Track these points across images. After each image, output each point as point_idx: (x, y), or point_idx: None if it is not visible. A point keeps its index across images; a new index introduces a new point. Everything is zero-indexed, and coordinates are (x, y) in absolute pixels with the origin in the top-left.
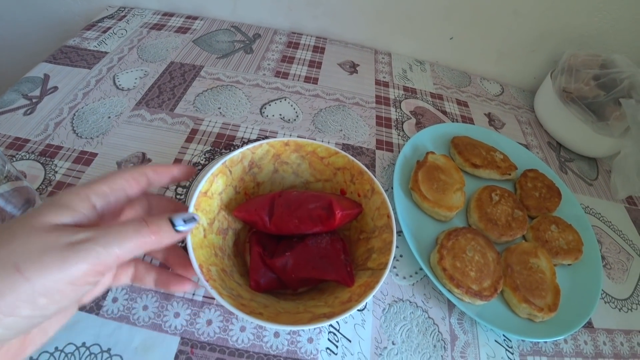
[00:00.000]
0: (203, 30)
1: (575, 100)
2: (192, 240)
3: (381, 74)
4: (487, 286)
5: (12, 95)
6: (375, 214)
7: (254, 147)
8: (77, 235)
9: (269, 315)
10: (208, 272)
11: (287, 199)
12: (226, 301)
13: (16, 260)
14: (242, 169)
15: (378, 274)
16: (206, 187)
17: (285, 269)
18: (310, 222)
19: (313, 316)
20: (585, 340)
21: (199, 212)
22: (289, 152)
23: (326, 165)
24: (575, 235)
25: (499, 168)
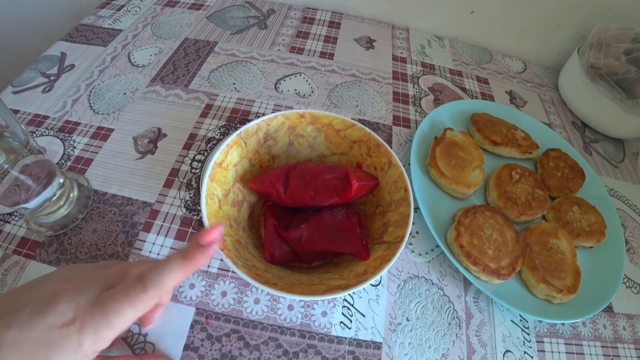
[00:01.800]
0: (217, 6)
1: (604, 77)
2: (207, 210)
3: (398, 50)
4: (505, 265)
5: (31, 74)
6: (392, 187)
7: (269, 119)
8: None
9: (284, 285)
10: (223, 242)
11: (303, 170)
12: (241, 270)
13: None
14: (257, 141)
15: (394, 247)
16: (221, 157)
17: (300, 241)
18: (326, 193)
19: (328, 288)
20: (605, 325)
21: (213, 183)
22: (305, 125)
23: (342, 138)
24: (598, 217)
25: (519, 146)
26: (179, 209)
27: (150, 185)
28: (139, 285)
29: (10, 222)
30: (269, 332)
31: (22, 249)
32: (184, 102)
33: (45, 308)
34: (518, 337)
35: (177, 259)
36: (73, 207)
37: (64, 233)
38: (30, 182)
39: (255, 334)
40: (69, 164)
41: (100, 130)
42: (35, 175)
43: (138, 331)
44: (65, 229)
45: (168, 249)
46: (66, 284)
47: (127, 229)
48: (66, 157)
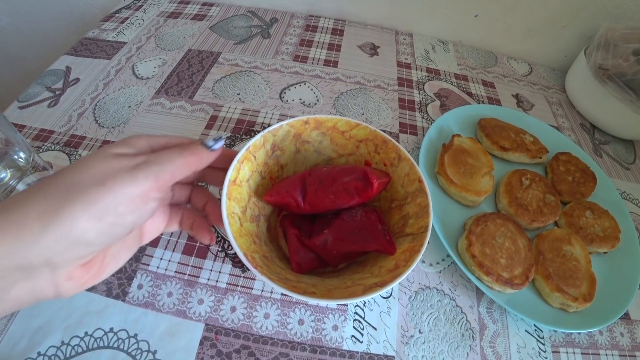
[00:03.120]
0: (219, 16)
1: (613, 78)
2: (231, 229)
3: (403, 56)
4: (518, 274)
5: (37, 89)
6: (404, 180)
7: (275, 129)
8: (137, 158)
9: (322, 293)
10: (253, 260)
11: (319, 176)
12: (278, 285)
13: (100, 178)
14: (265, 153)
15: (420, 237)
16: (234, 175)
17: (326, 246)
18: (347, 196)
19: (365, 287)
20: (622, 332)
21: (231, 201)
22: (310, 130)
23: (348, 139)
24: (612, 222)
25: (529, 151)
26: None
27: None
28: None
29: None
30: (279, 347)
31: None
32: (188, 114)
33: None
34: (533, 348)
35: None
36: None
37: None
38: None
39: (265, 349)
40: None
41: (106, 144)
42: None
43: (147, 348)
44: None
45: (176, 264)
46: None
47: None
48: None
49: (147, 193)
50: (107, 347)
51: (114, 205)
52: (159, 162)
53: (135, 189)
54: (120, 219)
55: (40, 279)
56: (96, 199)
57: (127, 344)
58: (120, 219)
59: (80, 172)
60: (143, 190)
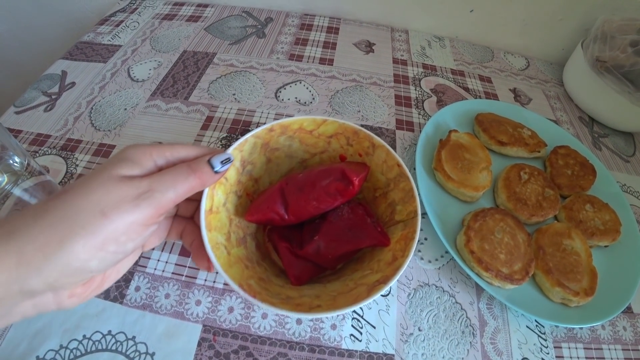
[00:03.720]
0: (214, 17)
1: (610, 70)
2: (220, 262)
3: (399, 52)
4: (518, 269)
5: (33, 93)
6: (383, 167)
7: (240, 144)
8: (142, 185)
9: (327, 304)
10: (250, 288)
11: (297, 184)
12: (282, 309)
13: (103, 208)
14: (236, 171)
15: (411, 223)
16: (209, 203)
17: (319, 252)
18: (330, 198)
19: (369, 287)
20: (625, 326)
21: (212, 232)
22: (277, 137)
23: (317, 137)
24: (612, 215)
25: (527, 145)
26: None
27: None
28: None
29: None
30: (277, 347)
31: None
32: (184, 115)
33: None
34: (535, 344)
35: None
36: None
37: None
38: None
39: (264, 349)
40: (71, 182)
41: (102, 147)
42: (37, 197)
43: (145, 350)
44: None
45: (173, 265)
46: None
47: None
48: (69, 175)
49: (148, 221)
50: (106, 350)
51: (116, 235)
52: (163, 189)
53: (137, 218)
54: (122, 246)
55: (44, 298)
56: (98, 230)
57: (125, 347)
58: (122, 246)
59: (82, 199)
60: (145, 220)
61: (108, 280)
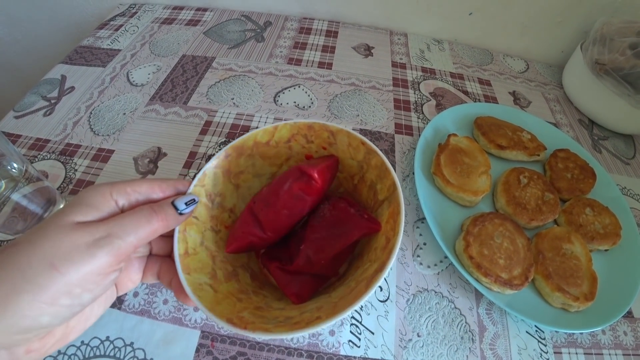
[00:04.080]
0: (213, 21)
1: (610, 72)
2: (206, 304)
3: (398, 56)
4: (518, 274)
5: (32, 98)
6: (350, 151)
7: (200, 180)
8: (98, 231)
9: (327, 313)
10: (241, 320)
11: (263, 200)
12: (277, 333)
13: (52, 259)
14: (205, 207)
15: (394, 197)
16: (182, 247)
17: (311, 261)
18: (298, 202)
19: (367, 281)
20: (625, 331)
21: (192, 275)
22: (235, 160)
23: (276, 146)
24: (613, 219)
25: (526, 149)
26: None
27: None
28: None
29: None
30: (275, 353)
31: None
32: (183, 120)
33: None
34: (535, 349)
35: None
36: None
37: None
38: (30, 209)
39: (262, 356)
40: (70, 187)
41: (101, 152)
42: (35, 203)
43: (143, 357)
44: None
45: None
46: None
47: None
48: (68, 180)
49: (106, 269)
50: (104, 356)
51: (68, 288)
52: (123, 234)
53: (92, 267)
54: (77, 299)
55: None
56: (46, 285)
57: (123, 353)
58: (77, 299)
59: (31, 251)
60: (101, 269)
61: (74, 331)
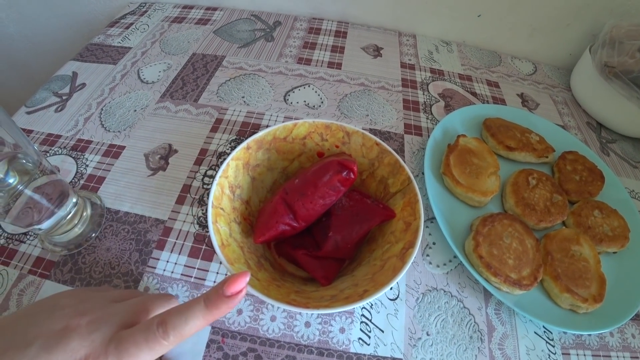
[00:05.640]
0: (223, 20)
1: (619, 75)
2: (259, 291)
3: (406, 57)
4: (527, 275)
5: (44, 94)
6: (363, 150)
7: (224, 171)
8: None
9: (371, 286)
10: (298, 302)
11: (298, 190)
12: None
13: None
14: (228, 198)
15: (409, 189)
16: (218, 238)
17: (338, 246)
18: (333, 192)
19: (398, 257)
20: (633, 334)
21: (234, 265)
22: (254, 153)
23: (292, 142)
24: (621, 221)
25: (535, 150)
26: (191, 226)
27: (162, 202)
28: (161, 330)
29: (25, 242)
30: (286, 350)
31: (37, 268)
32: (193, 117)
33: (55, 344)
34: (543, 350)
35: (200, 306)
36: (86, 226)
37: (78, 252)
38: (43, 202)
39: (272, 352)
40: (81, 182)
41: (112, 148)
42: (48, 196)
43: None
44: (79, 247)
45: (182, 267)
46: (80, 319)
47: (141, 247)
48: (79, 175)
49: None
50: None
51: None
52: None
53: None
54: None
55: None
56: None
57: None
58: None
59: None
60: None
61: None
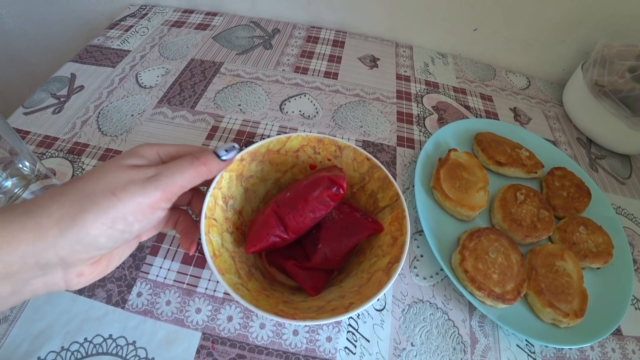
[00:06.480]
0: (222, 26)
1: (609, 94)
2: (248, 301)
3: (402, 68)
4: (510, 289)
5: (42, 95)
6: (354, 164)
7: (218, 183)
8: (150, 171)
9: (357, 299)
10: (285, 313)
11: (289, 204)
12: (324, 319)
13: (113, 189)
14: (221, 209)
15: (397, 205)
16: (210, 249)
17: (327, 258)
18: (323, 206)
19: (384, 271)
20: (613, 348)
21: (225, 275)
22: (248, 165)
23: (285, 155)
24: (605, 238)
25: (524, 166)
26: None
27: None
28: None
29: None
30: (274, 357)
31: None
32: (190, 124)
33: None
34: None
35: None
36: None
37: None
38: None
39: (261, 359)
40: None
41: (109, 152)
42: None
43: (145, 356)
44: None
45: (175, 273)
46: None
47: (135, 252)
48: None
49: (156, 204)
50: (106, 354)
51: (124, 214)
52: (170, 174)
53: (145, 199)
54: (129, 226)
55: (54, 275)
56: (107, 208)
57: (125, 351)
58: (129, 226)
59: (95, 182)
60: (152, 201)
61: (111, 265)
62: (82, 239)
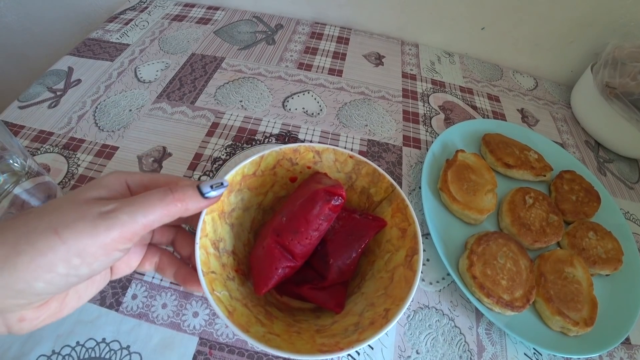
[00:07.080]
0: (224, 21)
1: (620, 97)
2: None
3: (408, 66)
4: (519, 296)
5: (38, 88)
6: (337, 166)
7: (202, 231)
8: (107, 206)
9: (389, 303)
10: (333, 346)
11: (289, 229)
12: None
13: (56, 226)
14: (215, 257)
15: (394, 195)
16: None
17: (341, 270)
18: (325, 221)
19: (405, 266)
20: (622, 358)
21: (251, 330)
22: (227, 199)
23: (261, 176)
24: (615, 244)
25: (533, 169)
26: None
27: None
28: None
29: None
30: None
31: None
32: (189, 120)
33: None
34: None
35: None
36: None
37: None
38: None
39: None
40: (72, 182)
41: (105, 148)
42: (35, 198)
43: None
44: None
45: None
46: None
47: None
48: (70, 175)
49: (109, 245)
50: (99, 358)
51: (66, 257)
52: (130, 210)
53: (94, 240)
54: (75, 270)
55: None
56: (45, 249)
57: (119, 356)
58: (75, 270)
59: (40, 218)
60: (104, 243)
61: (67, 308)
62: (13, 285)
